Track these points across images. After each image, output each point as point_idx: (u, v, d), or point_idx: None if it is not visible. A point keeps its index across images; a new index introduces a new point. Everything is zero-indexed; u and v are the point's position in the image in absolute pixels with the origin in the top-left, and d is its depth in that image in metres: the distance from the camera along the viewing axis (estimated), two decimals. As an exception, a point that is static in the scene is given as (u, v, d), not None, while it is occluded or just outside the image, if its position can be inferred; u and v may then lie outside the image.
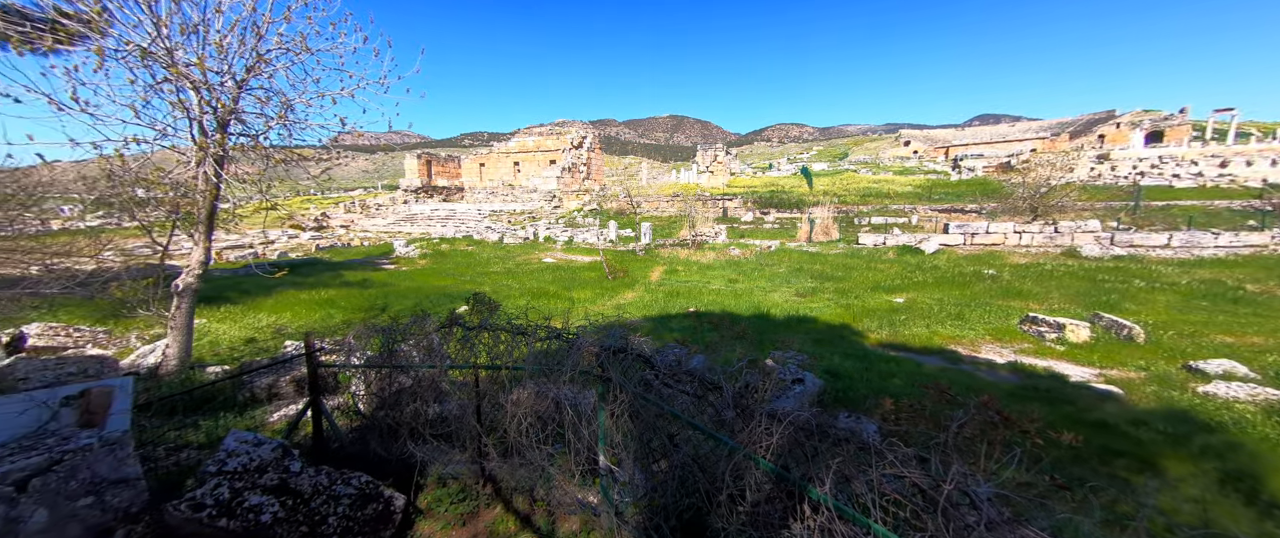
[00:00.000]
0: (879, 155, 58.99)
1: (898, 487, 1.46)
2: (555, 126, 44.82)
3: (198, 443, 3.65)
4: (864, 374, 5.77)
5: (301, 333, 7.10)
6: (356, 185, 70.93)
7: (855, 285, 12.60)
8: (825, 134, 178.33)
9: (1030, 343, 7.35)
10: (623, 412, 2.37)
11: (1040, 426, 2.36)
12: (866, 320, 9.02)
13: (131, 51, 4.75)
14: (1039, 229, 17.14)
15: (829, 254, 17.63)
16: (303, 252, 21.05)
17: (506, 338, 3.36)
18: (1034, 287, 11.43)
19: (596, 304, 11.27)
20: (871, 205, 28.02)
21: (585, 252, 20.24)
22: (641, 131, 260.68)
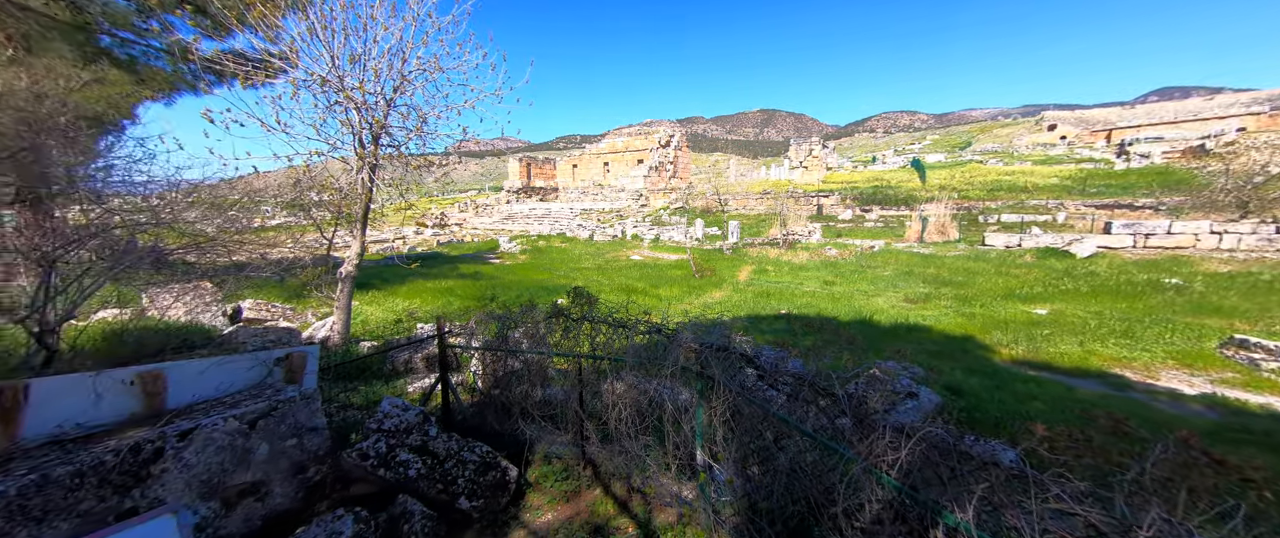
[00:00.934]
0: (1013, 142, 50.72)
1: (1065, 526, 1.25)
2: (643, 127, 45.70)
3: (357, 404, 4.39)
4: (994, 394, 5.02)
5: (428, 316, 8.16)
6: (469, 187, 79.34)
7: (980, 293, 11.02)
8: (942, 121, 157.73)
9: (1236, 372, 5.80)
10: (724, 411, 2.35)
11: (1267, 475, 1.85)
12: (996, 333, 7.84)
13: (314, 81, 5.82)
14: (1250, 229, 13.39)
15: (946, 256, 15.63)
16: (426, 246, 24.10)
17: (607, 330, 3.53)
18: (1242, 302, 8.98)
19: (683, 302, 11.28)
20: (1002, 201, 24.25)
21: (671, 249, 20.37)
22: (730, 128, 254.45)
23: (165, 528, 1.98)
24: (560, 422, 3.69)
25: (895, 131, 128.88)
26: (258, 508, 2.39)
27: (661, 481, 3.11)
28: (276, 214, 13.76)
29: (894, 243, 18.99)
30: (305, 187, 7.73)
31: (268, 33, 5.67)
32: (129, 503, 1.97)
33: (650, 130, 43.29)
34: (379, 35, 5.78)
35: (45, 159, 3.87)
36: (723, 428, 2.47)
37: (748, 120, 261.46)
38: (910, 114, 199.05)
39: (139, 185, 4.63)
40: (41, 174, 3.91)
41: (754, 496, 2.54)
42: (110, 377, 2.22)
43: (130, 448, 2.00)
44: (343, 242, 10.99)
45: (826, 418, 2.05)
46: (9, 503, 1.71)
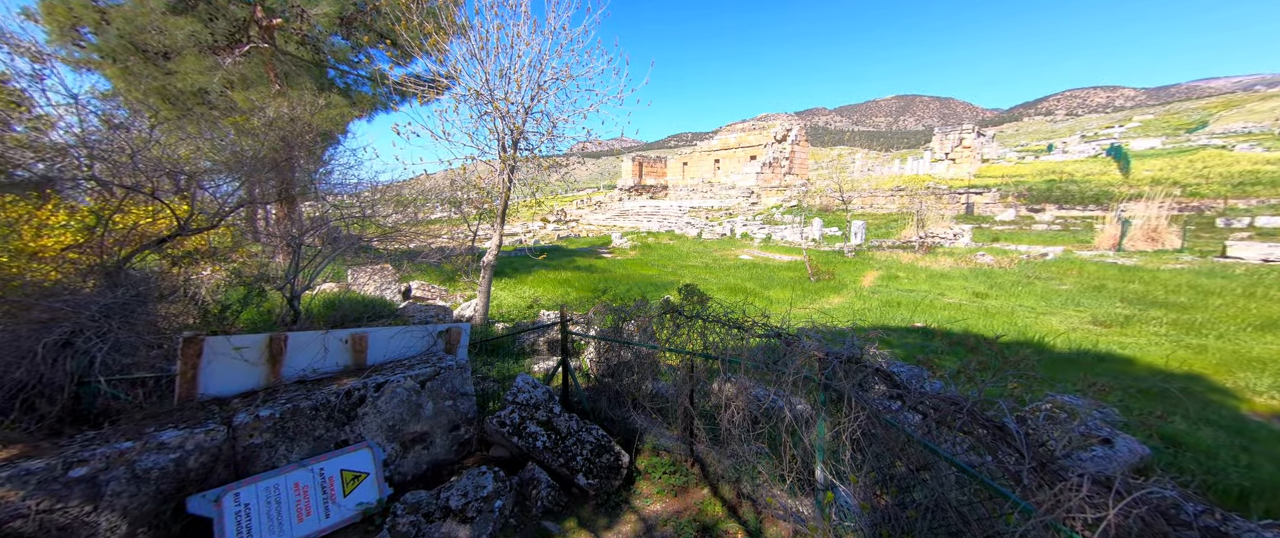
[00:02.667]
0: (1276, 122, 37.21)
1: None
2: (758, 121, 43.85)
3: (494, 377, 5.02)
4: (1238, 453, 3.77)
5: (550, 304, 8.96)
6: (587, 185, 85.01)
7: (1216, 319, 8.35)
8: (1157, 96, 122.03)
9: None
10: (855, 429, 2.15)
11: None
12: (1244, 374, 5.88)
13: (470, 95, 6.75)
14: None
15: (1160, 269, 12.15)
16: (548, 240, 26.49)
17: (720, 330, 3.48)
18: None
19: (796, 306, 10.60)
20: (1257, 199, 18.09)
21: (784, 250, 19.28)
22: (857, 118, 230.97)
23: (365, 459, 2.49)
24: (669, 416, 3.75)
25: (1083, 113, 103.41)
26: (424, 455, 2.88)
27: (774, 492, 2.97)
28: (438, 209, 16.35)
29: (1077, 250, 15.38)
30: (459, 186, 9.10)
31: (438, 56, 6.74)
32: (343, 435, 2.54)
33: (765, 125, 41.39)
34: (522, 51, 6.48)
35: (296, 167, 5.17)
36: (851, 447, 2.26)
37: (879, 109, 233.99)
38: (1109, 90, 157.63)
39: (349, 187, 5.91)
40: (293, 178, 5.22)
41: (882, 526, 2.28)
42: (334, 336, 2.88)
43: (346, 392, 2.57)
44: (484, 234, 12.67)
45: (990, 456, 1.73)
46: (276, 423, 2.33)
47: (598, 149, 70.78)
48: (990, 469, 1.77)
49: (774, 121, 42.01)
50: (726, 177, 40.99)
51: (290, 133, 5.37)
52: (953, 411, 1.76)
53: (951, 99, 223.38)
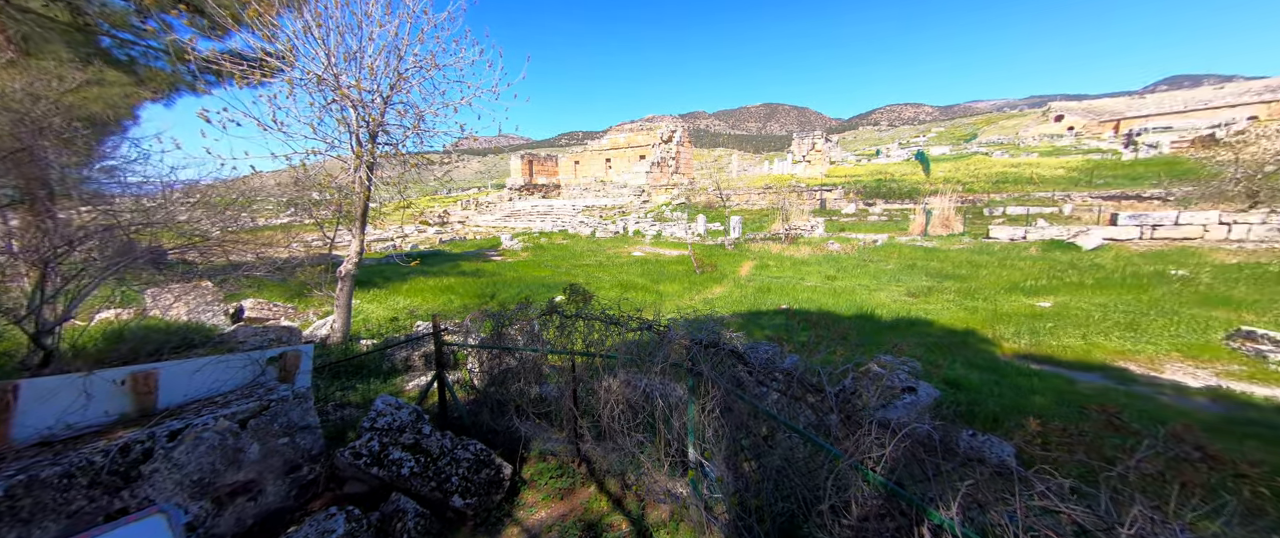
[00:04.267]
0: (1019, 134, 50.18)
1: (1049, 524, 1.23)
2: (645, 122, 45.51)
3: (355, 402, 4.41)
4: (995, 388, 4.99)
5: (429, 314, 8.18)
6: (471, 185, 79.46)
7: (984, 285, 10.93)
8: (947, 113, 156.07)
9: (1242, 364, 5.72)
10: (714, 407, 2.34)
11: (1264, 471, 1.82)
12: (999, 326, 7.78)
13: (310, 79, 5.81)
14: (1260, 220, 13.20)
15: (949, 250, 15.51)
16: (428, 244, 24.18)
17: (600, 327, 3.52)
18: (1250, 293, 8.86)
19: (684, 298, 11.26)
20: (1007, 193, 24.03)
21: (673, 245, 20.33)
22: (732, 122, 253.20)
23: (156, 527, 1.99)
24: (555, 419, 3.69)
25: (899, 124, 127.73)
26: (250, 507, 2.40)
27: (655, 478, 3.11)
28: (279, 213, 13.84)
29: (898, 237, 18.86)
30: (305, 186, 7.77)
31: (264, 31, 5.66)
32: (119, 503, 1.99)
33: (652, 126, 43.12)
34: (374, 32, 5.76)
35: (42, 160, 3.89)
36: (713, 425, 2.46)
37: (750, 115, 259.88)
38: (914, 107, 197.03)
39: (133, 186, 4.65)
40: (39, 176, 3.94)
41: (745, 493, 2.53)
42: (101, 377, 2.23)
43: (119, 448, 2.01)
44: (345, 241, 11.05)
45: (817, 415, 2.03)
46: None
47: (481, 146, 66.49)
48: (821, 427, 2.07)
49: (660, 123, 43.97)
50: (618, 175, 41.78)
51: (28, 116, 4.03)
52: (786, 380, 2.01)
53: (807, 108, 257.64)
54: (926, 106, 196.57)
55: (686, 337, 2.62)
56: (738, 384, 2.51)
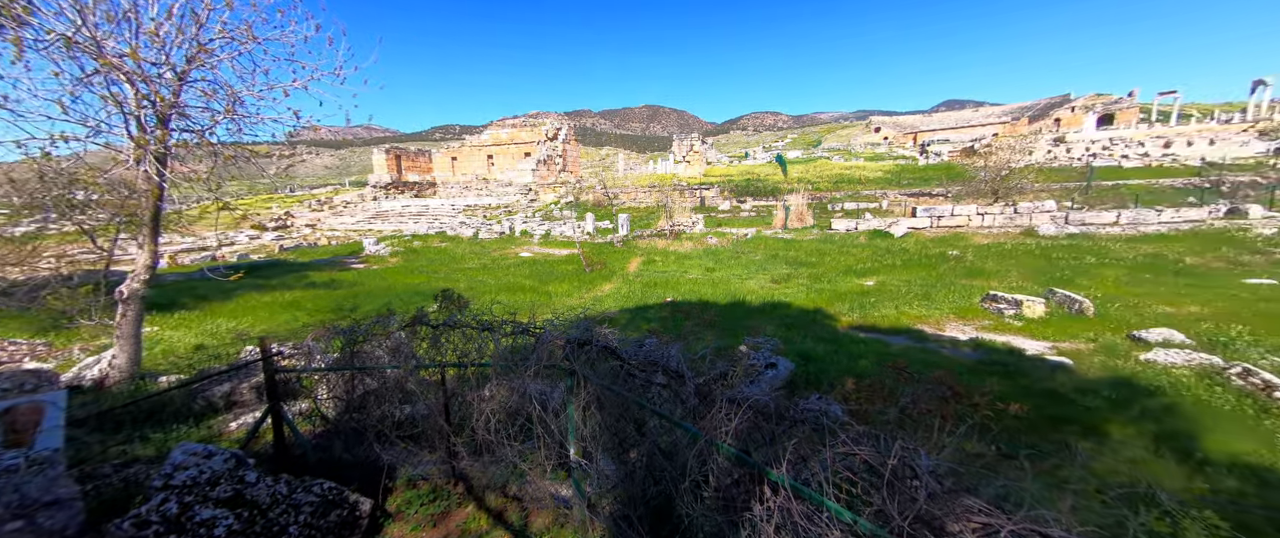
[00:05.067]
0: (851, 142, 60.15)
1: (850, 464, 1.50)
2: (529, 118, 43.96)
3: (149, 457, 3.47)
4: (834, 356, 5.92)
5: (265, 335, 6.82)
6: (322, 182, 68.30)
7: (828, 270, 12.89)
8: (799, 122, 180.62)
9: (990, 320, 7.68)
10: (590, 404, 2.37)
11: (990, 398, 2.47)
12: (838, 304, 9.25)
13: (54, 42, 4.40)
14: (1000, 211, 17.84)
15: (803, 240, 17.96)
16: (266, 253, 20.17)
17: (475, 335, 3.30)
18: (995, 266, 11.93)
19: (574, 297, 11.20)
20: (844, 191, 28.62)
21: (562, 245, 20.06)
22: (618, 122, 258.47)
23: None
24: (425, 440, 3.37)
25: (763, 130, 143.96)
26: (-44, 627, 1.73)
27: (539, 484, 3.03)
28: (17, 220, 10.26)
29: (764, 230, 21.22)
30: (55, 182, 5.80)
31: (-39, -32, 4.11)
32: None
33: (537, 122, 41.85)
34: (157, -11, 4.58)
35: None
36: (591, 422, 2.49)
37: (635, 115, 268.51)
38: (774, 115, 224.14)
39: None
40: None
41: (627, 483, 2.61)
42: None
43: None
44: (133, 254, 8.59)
45: (680, 399, 2.19)
46: None
47: (333, 138, 58.38)
48: (686, 410, 2.22)
49: (545, 120, 42.88)
50: (502, 173, 39.74)
51: None
52: (652, 369, 2.13)
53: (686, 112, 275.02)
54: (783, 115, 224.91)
55: (561, 337, 2.60)
56: (615, 378, 2.57)
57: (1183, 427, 3.85)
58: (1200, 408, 4.14)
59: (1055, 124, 43.88)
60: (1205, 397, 4.30)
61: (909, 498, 1.26)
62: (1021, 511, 1.26)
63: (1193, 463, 3.37)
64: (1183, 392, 4.42)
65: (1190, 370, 4.82)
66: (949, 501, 1.21)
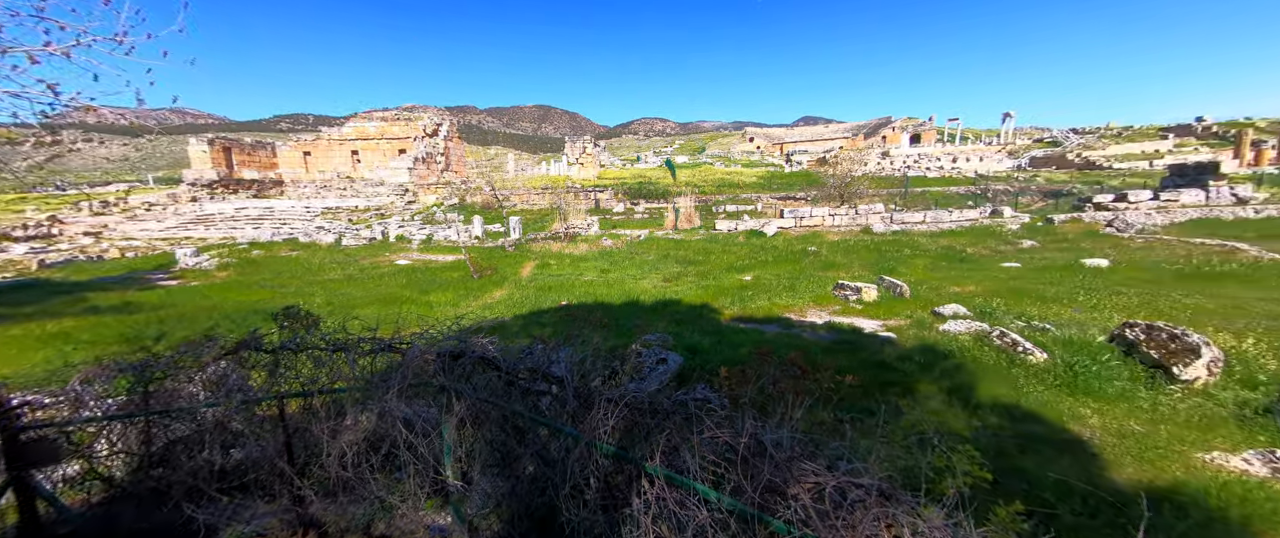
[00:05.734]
0: (730, 150, 65.96)
1: (715, 447, 1.62)
2: (403, 112, 39.67)
3: None
4: (718, 347, 6.40)
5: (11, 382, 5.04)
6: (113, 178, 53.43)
7: (713, 268, 13.93)
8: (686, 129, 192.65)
9: (840, 305, 9.03)
10: (466, 420, 2.20)
11: (832, 373, 2.89)
12: (722, 298, 10.03)
13: None
14: (846, 212, 21.13)
15: (692, 240, 19.15)
16: (16, 270, 15.04)
17: (327, 358, 2.85)
18: (843, 259, 14.09)
19: (461, 306, 10.40)
20: (726, 195, 31.21)
21: (447, 250, 18.50)
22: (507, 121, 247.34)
23: None
24: (263, 488, 2.81)
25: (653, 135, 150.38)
26: None
27: (411, 516, 2.73)
28: None
29: (656, 231, 22.13)
30: None
31: None
32: None
33: (412, 116, 37.98)
34: None
35: None
36: (466, 440, 2.32)
37: (525, 115, 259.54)
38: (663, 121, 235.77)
39: None
40: None
41: (510, 499, 2.49)
42: None
43: None
44: None
45: (561, 405, 2.15)
46: None
47: (130, 121, 46.72)
48: (569, 414, 2.19)
49: (423, 114, 39.13)
50: (372, 171, 35.23)
51: None
52: (533, 376, 2.06)
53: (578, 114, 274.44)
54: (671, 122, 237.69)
55: (431, 352, 2.38)
56: (492, 390, 2.43)
57: (965, 380, 4.96)
58: (976, 364, 5.38)
59: (882, 140, 53.45)
60: (978, 355, 5.60)
61: (758, 470, 1.41)
62: (842, 466, 1.49)
63: (970, 407, 4.37)
64: (965, 353, 5.70)
65: (969, 336, 6.24)
66: (790, 467, 1.39)
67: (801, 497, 1.26)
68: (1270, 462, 3.15)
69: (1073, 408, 4.25)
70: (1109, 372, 4.60)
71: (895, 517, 1.10)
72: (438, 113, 41.22)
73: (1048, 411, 4.20)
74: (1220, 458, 3.33)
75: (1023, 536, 1.49)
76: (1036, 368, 5.03)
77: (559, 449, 2.22)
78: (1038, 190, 27.34)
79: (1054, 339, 5.58)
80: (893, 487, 1.21)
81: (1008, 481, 3.12)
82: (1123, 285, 9.54)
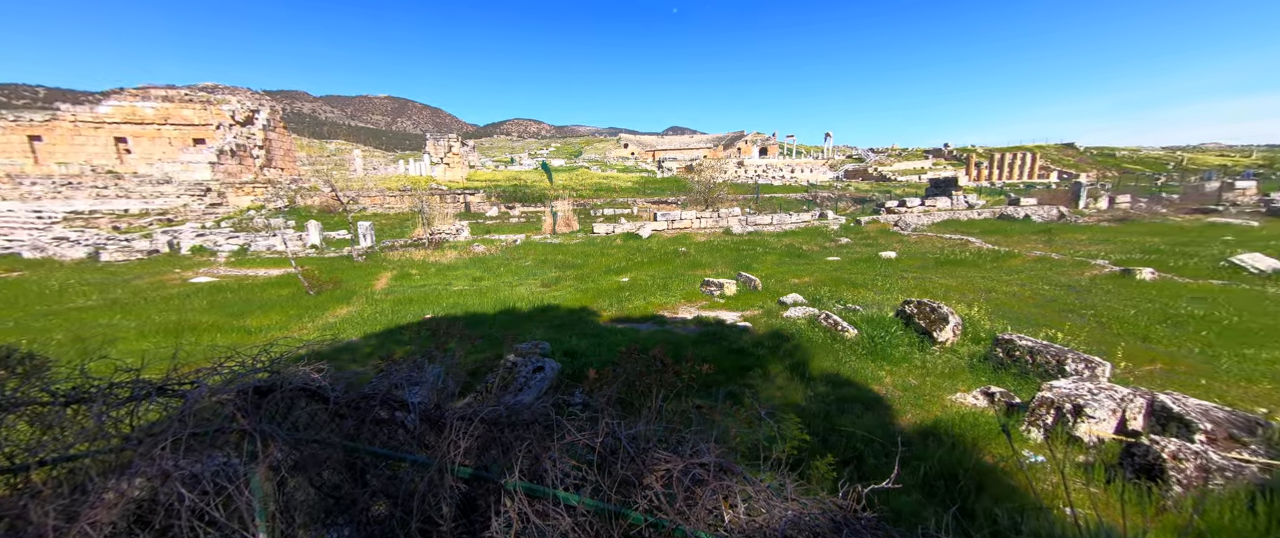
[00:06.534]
0: (606, 155, 67.39)
1: (575, 451, 1.61)
2: (199, 91, 31.49)
3: None
4: (597, 350, 6.46)
5: None
6: None
7: (592, 270, 14.04)
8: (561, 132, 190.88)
9: (706, 300, 9.89)
10: (280, 468, 1.82)
11: (692, 364, 3.14)
12: (601, 301, 10.17)
13: None
14: (710, 215, 23.26)
15: (571, 244, 19.03)
16: None
17: (54, 415, 2.08)
18: (708, 258, 15.47)
19: (292, 329, 8.68)
20: (603, 199, 31.76)
21: (271, 263, 15.26)
22: (352, 112, 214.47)
23: None
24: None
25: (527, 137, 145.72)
26: None
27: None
28: None
29: (533, 236, 21.45)
30: None
31: None
32: None
33: (213, 98, 30.44)
34: None
35: None
36: (288, 491, 1.92)
37: (376, 106, 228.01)
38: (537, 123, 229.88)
39: None
40: None
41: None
42: None
43: None
44: None
45: (407, 431, 1.92)
46: None
47: None
48: (417, 439, 1.96)
49: (229, 97, 31.64)
50: (151, 165, 27.23)
51: None
52: (369, 404, 1.79)
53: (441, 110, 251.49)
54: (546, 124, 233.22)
55: (227, 391, 1.91)
56: (319, 427, 2.05)
57: (802, 357, 5.84)
58: (810, 343, 6.38)
59: (738, 151, 60.24)
60: (812, 335, 6.66)
61: (616, 467, 1.44)
62: (686, 450, 1.62)
63: (806, 379, 5.16)
64: (802, 335, 6.72)
65: (805, 320, 7.39)
66: (645, 459, 1.45)
67: (654, 486, 1.33)
68: (987, 394, 4.39)
69: (874, 372, 5.32)
70: (896, 340, 5.89)
71: (730, 488, 1.23)
72: (253, 97, 33.84)
73: (858, 376, 5.19)
74: (960, 397, 4.51)
75: (831, 480, 1.79)
76: (850, 342, 6.18)
77: (410, 482, 1.98)
78: (851, 197, 33.75)
79: (862, 318, 6.92)
80: (730, 461, 1.36)
81: (833, 438, 3.77)
82: (904, 271, 12.32)
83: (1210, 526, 2.40)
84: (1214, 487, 2.53)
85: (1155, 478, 2.70)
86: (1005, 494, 2.78)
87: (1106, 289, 9.61)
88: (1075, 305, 8.37)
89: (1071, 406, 3.42)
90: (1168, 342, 6.30)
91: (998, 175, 45.88)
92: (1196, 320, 7.00)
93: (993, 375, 5.06)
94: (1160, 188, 31.96)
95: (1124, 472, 2.84)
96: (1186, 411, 3.26)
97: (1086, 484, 3.03)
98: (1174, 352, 5.93)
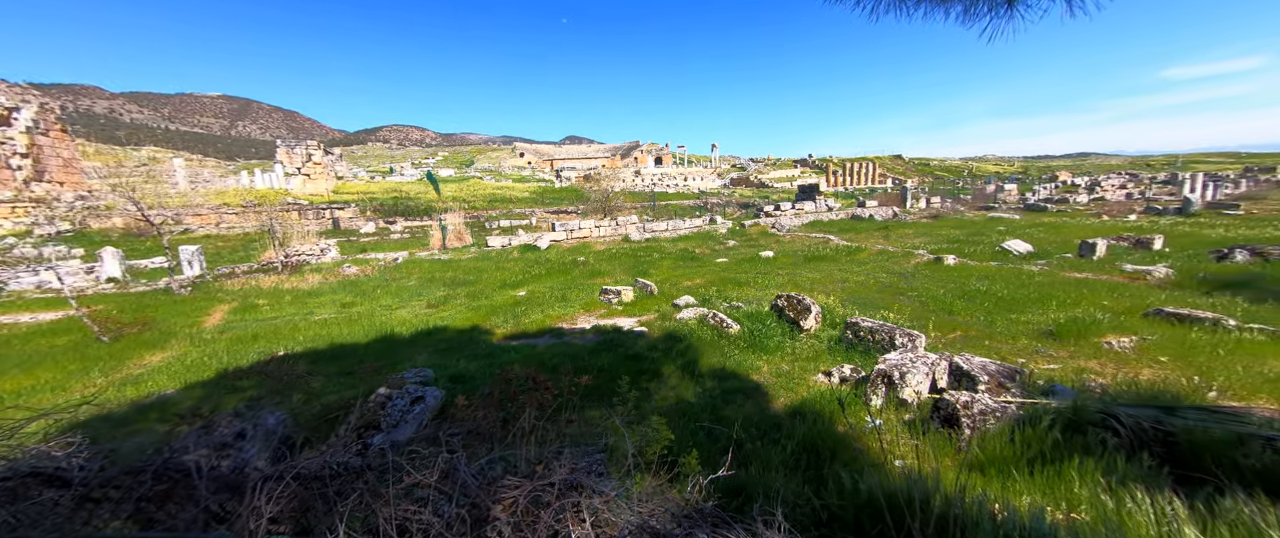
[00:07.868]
0: (501, 164, 64.53)
1: (417, 495, 1.45)
2: (-91, 76, 23.02)
3: None
4: (486, 372, 6.05)
5: None
6: None
7: (486, 286, 13.25)
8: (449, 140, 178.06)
9: (605, 309, 9.93)
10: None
11: (570, 377, 3.08)
12: (495, 318, 9.61)
13: None
14: (609, 224, 23.55)
15: (462, 259, 17.76)
16: None
17: None
18: (608, 266, 15.61)
19: (71, 387, 6.71)
20: (499, 210, 30.29)
21: (42, 305, 11.68)
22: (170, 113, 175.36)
23: None
24: None
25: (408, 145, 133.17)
26: None
27: None
28: None
29: (418, 252, 19.57)
30: None
31: None
32: None
33: (-65, 87, 22.54)
34: None
35: None
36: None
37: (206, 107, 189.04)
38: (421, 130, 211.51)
39: None
40: None
41: None
42: None
43: None
44: None
45: (196, 503, 1.56)
46: None
47: None
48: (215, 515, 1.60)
49: (-37, 85, 23.71)
50: None
51: None
52: (130, 480, 1.42)
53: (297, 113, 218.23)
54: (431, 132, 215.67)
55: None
56: (65, 515, 1.57)
57: (693, 357, 6.15)
58: (700, 342, 6.75)
59: (635, 160, 62.17)
60: (702, 334, 7.06)
61: (462, 503, 1.33)
62: (563, 465, 1.57)
63: (696, 377, 5.43)
64: (692, 335, 7.09)
65: (695, 320, 7.82)
66: (492, 488, 1.36)
67: (499, 516, 1.24)
68: (839, 373, 5.06)
69: (754, 362, 5.81)
70: (771, 331, 6.51)
71: (576, 503, 1.21)
72: (11, 90, 25.84)
73: (741, 368, 5.62)
74: (820, 378, 5.14)
75: (696, 474, 1.87)
76: (734, 337, 6.68)
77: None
78: (736, 203, 36.85)
79: (744, 314, 7.53)
80: (579, 476, 1.34)
81: (717, 428, 4.00)
82: (780, 269, 13.77)
83: (988, 456, 3.03)
84: (989, 426, 3.21)
85: (953, 425, 3.34)
86: (851, 458, 3.21)
87: (925, 274, 11.80)
88: (904, 289, 10.13)
89: (898, 374, 4.10)
90: (964, 313, 7.94)
91: (849, 181, 53.98)
92: (981, 294, 8.94)
93: (846, 355, 5.86)
94: (959, 191, 40.52)
95: (934, 423, 3.47)
96: (972, 368, 4.13)
97: (912, 438, 3.64)
98: (968, 321, 7.48)
